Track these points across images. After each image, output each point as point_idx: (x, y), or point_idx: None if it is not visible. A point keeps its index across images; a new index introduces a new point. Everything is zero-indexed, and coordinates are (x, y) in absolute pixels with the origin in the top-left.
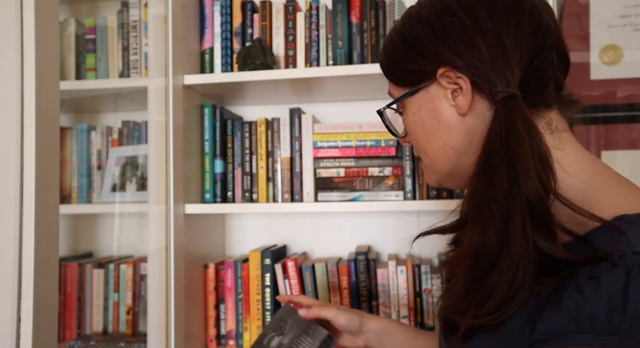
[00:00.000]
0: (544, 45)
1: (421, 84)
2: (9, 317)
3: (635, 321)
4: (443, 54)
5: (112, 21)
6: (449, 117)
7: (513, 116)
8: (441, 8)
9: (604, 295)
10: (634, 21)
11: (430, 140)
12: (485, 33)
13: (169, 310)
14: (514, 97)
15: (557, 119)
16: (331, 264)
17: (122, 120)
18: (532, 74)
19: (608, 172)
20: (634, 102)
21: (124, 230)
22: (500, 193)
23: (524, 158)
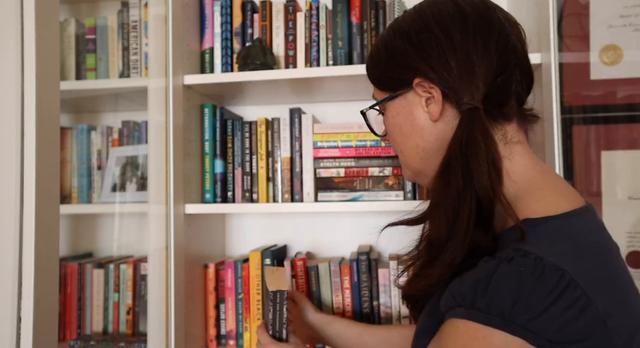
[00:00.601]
0: (508, 64)
1: (399, 90)
2: (9, 317)
3: (492, 301)
4: (419, 66)
5: (112, 21)
6: (422, 122)
7: (474, 126)
8: (420, 24)
9: (473, 279)
10: (634, 21)
11: (405, 141)
12: (456, 50)
13: (169, 310)
14: (476, 109)
15: (514, 131)
16: (334, 264)
17: (122, 120)
18: (495, 89)
19: (544, 180)
20: (634, 102)
21: (124, 230)
22: (454, 192)
23: (479, 163)
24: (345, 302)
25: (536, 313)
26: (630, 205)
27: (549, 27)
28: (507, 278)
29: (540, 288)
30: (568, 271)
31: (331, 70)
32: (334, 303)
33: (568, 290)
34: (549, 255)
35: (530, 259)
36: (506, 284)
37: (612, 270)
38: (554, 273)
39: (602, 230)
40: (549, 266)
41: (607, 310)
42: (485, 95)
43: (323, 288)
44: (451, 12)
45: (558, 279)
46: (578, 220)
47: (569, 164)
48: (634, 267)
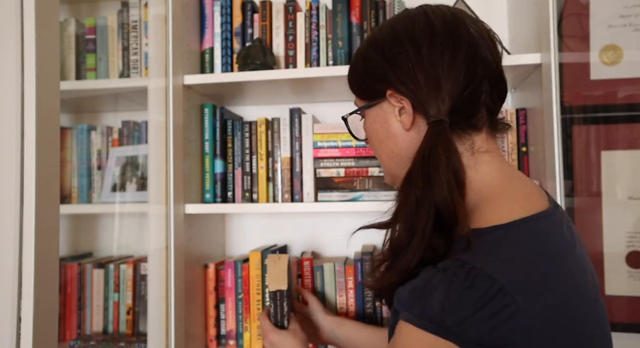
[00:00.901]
0: (475, 77)
1: (375, 100)
2: (9, 317)
3: (424, 307)
4: (390, 79)
5: (112, 21)
6: (396, 130)
7: (437, 139)
8: (393, 38)
9: (411, 287)
10: (633, 21)
11: (382, 147)
12: (424, 64)
13: (169, 310)
14: (441, 123)
15: (482, 141)
16: (339, 264)
17: (122, 120)
18: (463, 101)
19: (506, 189)
20: (634, 102)
21: (124, 230)
22: (413, 202)
23: (439, 175)
24: (349, 302)
25: (462, 319)
26: (630, 205)
27: (549, 27)
28: (440, 286)
29: (468, 296)
30: (500, 280)
31: (331, 70)
32: (338, 303)
33: (497, 298)
34: (486, 265)
35: (465, 269)
36: (438, 292)
37: (558, 278)
38: (485, 282)
39: (561, 234)
40: (481, 275)
41: (540, 316)
42: (453, 107)
43: (327, 288)
44: (421, 26)
45: (488, 288)
46: (527, 228)
47: (569, 164)
48: (634, 267)
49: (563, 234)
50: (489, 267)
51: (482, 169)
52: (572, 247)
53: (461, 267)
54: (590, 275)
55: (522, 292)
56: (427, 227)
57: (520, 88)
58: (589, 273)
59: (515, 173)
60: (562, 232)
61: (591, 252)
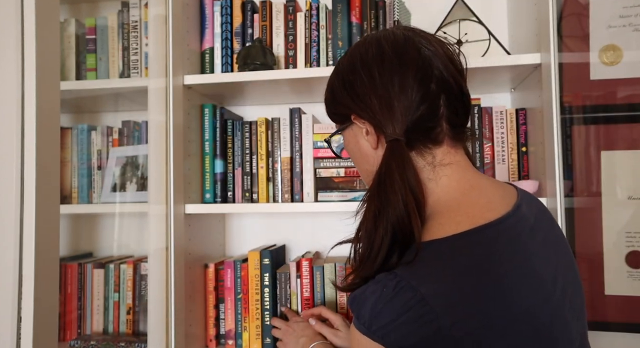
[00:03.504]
0: (429, 94)
1: (345, 123)
2: (10, 317)
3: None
4: (350, 105)
5: (113, 21)
6: (366, 149)
7: (392, 158)
8: (350, 65)
9: (353, 296)
10: (633, 21)
11: (359, 164)
12: (377, 88)
13: (169, 310)
14: (397, 141)
15: (444, 154)
16: (339, 264)
17: (122, 120)
18: (418, 118)
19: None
20: (634, 102)
21: (124, 230)
22: (371, 217)
23: (395, 192)
24: None
25: (386, 323)
26: (630, 205)
27: (549, 27)
28: (371, 295)
29: (392, 305)
30: (421, 291)
31: (331, 70)
32: (338, 303)
33: (416, 307)
34: (414, 278)
35: (394, 281)
36: (369, 300)
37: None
38: (408, 293)
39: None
40: (406, 287)
41: (458, 325)
42: (408, 125)
43: (327, 288)
44: (373, 52)
45: (410, 298)
46: (464, 242)
47: (569, 164)
48: (634, 267)
49: (512, 243)
50: (415, 280)
51: (442, 182)
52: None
53: (392, 279)
54: (553, 278)
55: (443, 304)
56: (383, 243)
57: (520, 88)
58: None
59: (477, 182)
60: (512, 241)
61: (591, 252)
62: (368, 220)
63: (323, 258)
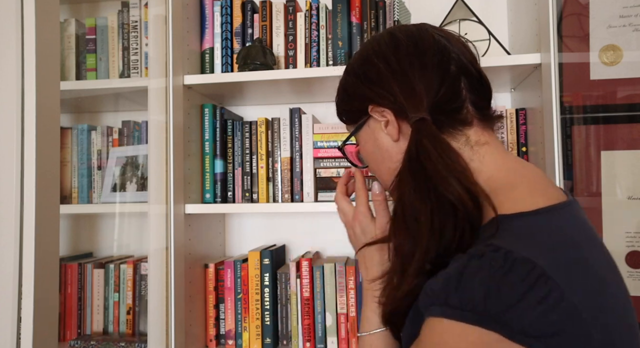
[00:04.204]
0: (449, 74)
1: (361, 120)
2: (10, 317)
3: (464, 297)
4: (367, 94)
5: (113, 21)
6: (386, 144)
7: (421, 135)
8: (363, 58)
9: (445, 277)
10: (633, 21)
11: (379, 166)
12: (395, 72)
13: (169, 310)
14: (422, 120)
15: (477, 134)
16: (339, 264)
17: (122, 120)
18: (441, 99)
19: (521, 177)
20: (634, 102)
21: (124, 230)
22: (409, 202)
23: (436, 167)
24: (350, 302)
25: (507, 306)
26: (630, 205)
27: (549, 27)
28: (478, 273)
29: (510, 282)
30: (539, 264)
31: (331, 70)
32: (338, 303)
33: (539, 283)
34: (521, 250)
35: (501, 253)
36: (477, 279)
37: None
38: (525, 266)
39: (582, 225)
40: (519, 260)
41: (583, 303)
42: (433, 105)
43: (328, 288)
44: (387, 42)
45: (528, 272)
46: (554, 216)
47: (569, 164)
48: (633, 267)
49: (586, 224)
50: (525, 251)
51: (487, 161)
52: (595, 238)
53: (496, 251)
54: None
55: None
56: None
57: (520, 88)
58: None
59: (523, 162)
60: (585, 222)
61: None
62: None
63: (323, 258)
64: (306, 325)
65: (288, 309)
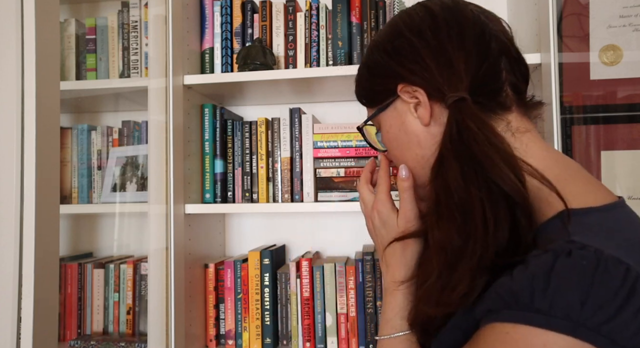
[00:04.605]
0: (490, 51)
1: (387, 100)
2: (10, 317)
3: (555, 301)
4: (398, 71)
5: (113, 21)
6: (415, 128)
7: (463, 115)
8: (392, 33)
9: (528, 276)
10: (633, 21)
11: (405, 153)
12: (430, 47)
13: (169, 310)
14: (463, 100)
15: (518, 120)
16: (339, 264)
17: (122, 120)
18: (482, 77)
19: (571, 170)
20: (634, 102)
21: (124, 230)
22: (455, 190)
23: (485, 150)
24: (350, 302)
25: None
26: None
27: (549, 27)
28: (570, 273)
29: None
30: (632, 267)
31: (331, 70)
32: (338, 303)
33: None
34: (607, 249)
35: (590, 252)
36: (570, 281)
37: None
38: (618, 268)
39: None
40: (611, 260)
41: None
42: (473, 85)
43: (328, 288)
44: (420, 15)
45: (624, 276)
46: (620, 214)
47: None
48: None
49: None
50: (612, 250)
51: (531, 150)
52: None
53: (583, 248)
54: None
55: None
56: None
57: None
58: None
59: (565, 155)
60: None
61: None
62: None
63: (323, 258)
64: (306, 325)
65: (288, 309)
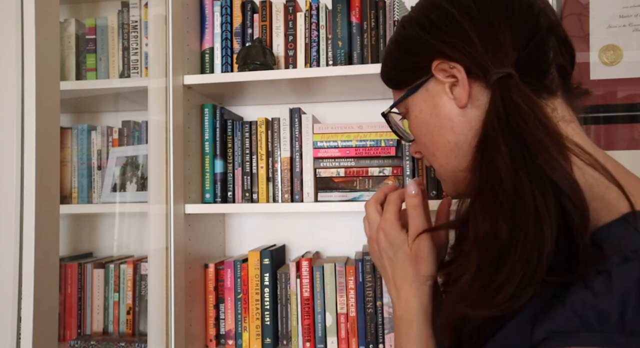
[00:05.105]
0: (538, 28)
1: (418, 81)
2: (9, 317)
3: None
4: (434, 46)
5: (113, 21)
6: (449, 111)
7: (510, 93)
8: (429, 7)
9: (617, 291)
10: (633, 21)
11: (436, 139)
12: (473, 19)
13: (169, 310)
14: (509, 77)
15: (563, 108)
16: (339, 264)
17: (122, 120)
18: (528, 55)
19: (620, 169)
20: (634, 102)
21: (124, 230)
22: (504, 174)
23: (535, 133)
24: (350, 302)
25: None
26: None
27: None
28: None
29: None
30: None
31: (331, 70)
32: (338, 303)
33: None
34: None
35: None
36: None
37: None
38: None
39: None
40: None
41: None
42: (519, 63)
43: (328, 288)
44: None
45: None
46: None
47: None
48: None
49: None
50: None
51: (578, 142)
52: None
53: None
54: None
55: None
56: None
57: None
58: None
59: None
60: None
61: None
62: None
63: (323, 258)
64: (306, 325)
65: (288, 309)
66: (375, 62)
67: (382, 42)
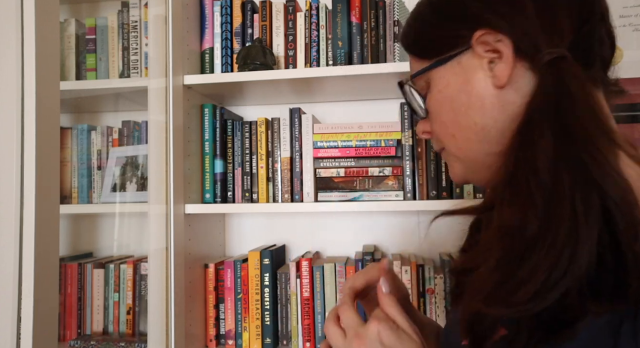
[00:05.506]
0: (592, 15)
1: (452, 51)
2: (9, 317)
3: None
4: (481, 14)
5: (113, 21)
6: (482, 90)
7: (564, 76)
8: None
9: None
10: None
11: (460, 119)
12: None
13: (169, 310)
14: (563, 59)
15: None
16: (339, 264)
17: (122, 120)
18: (579, 43)
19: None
20: (634, 102)
21: (124, 230)
22: (542, 163)
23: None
24: None
25: None
26: None
27: None
28: None
29: None
30: None
31: (331, 70)
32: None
33: None
34: None
35: None
36: None
37: None
38: None
39: None
40: None
41: None
42: (571, 47)
43: (328, 288)
44: None
45: None
46: None
47: None
48: None
49: None
50: None
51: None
52: None
53: None
54: None
55: None
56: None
57: None
58: None
59: None
60: None
61: None
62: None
63: (323, 258)
64: (306, 325)
65: (288, 309)
66: (375, 62)
67: (382, 42)
